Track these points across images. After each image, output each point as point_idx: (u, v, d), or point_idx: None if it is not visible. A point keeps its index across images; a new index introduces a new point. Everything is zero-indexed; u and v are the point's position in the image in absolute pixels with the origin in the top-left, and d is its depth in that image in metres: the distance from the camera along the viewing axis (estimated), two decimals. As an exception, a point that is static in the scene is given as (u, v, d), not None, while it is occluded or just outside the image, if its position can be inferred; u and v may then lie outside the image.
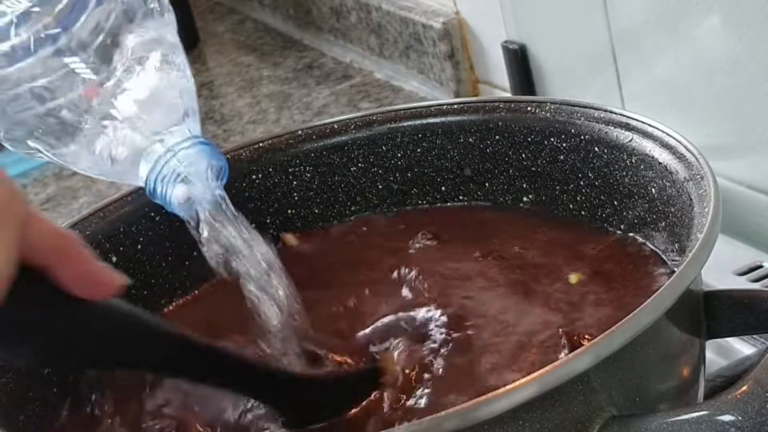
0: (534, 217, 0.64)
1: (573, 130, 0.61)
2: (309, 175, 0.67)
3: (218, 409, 0.53)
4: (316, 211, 0.67)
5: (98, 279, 0.44)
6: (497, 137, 0.64)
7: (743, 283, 0.72)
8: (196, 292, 0.65)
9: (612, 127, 0.59)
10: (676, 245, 0.55)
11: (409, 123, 0.66)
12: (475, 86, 1.09)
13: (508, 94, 1.01)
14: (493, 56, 1.03)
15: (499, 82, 1.04)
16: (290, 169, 0.67)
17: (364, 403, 0.52)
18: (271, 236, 0.60)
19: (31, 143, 0.56)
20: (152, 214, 0.64)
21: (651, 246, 0.58)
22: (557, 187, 0.63)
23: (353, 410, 0.52)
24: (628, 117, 0.58)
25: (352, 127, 0.66)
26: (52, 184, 1.15)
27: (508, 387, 0.41)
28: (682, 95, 0.80)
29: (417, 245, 0.63)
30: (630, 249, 0.59)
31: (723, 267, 0.73)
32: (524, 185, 0.64)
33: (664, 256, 0.57)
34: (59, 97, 0.55)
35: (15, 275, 0.39)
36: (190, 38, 1.42)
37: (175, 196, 0.56)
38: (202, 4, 1.54)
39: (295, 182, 0.67)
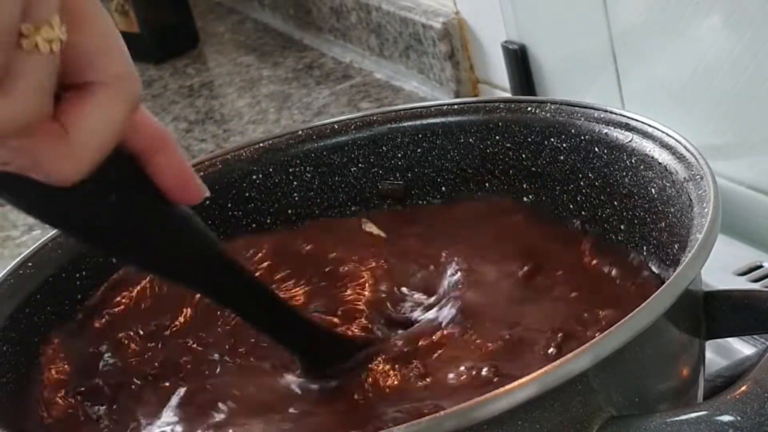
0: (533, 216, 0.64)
1: (573, 131, 0.61)
2: (309, 175, 0.67)
3: None
4: (317, 211, 0.67)
5: (190, 181, 0.45)
6: (497, 137, 0.64)
7: (743, 283, 0.72)
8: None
9: (612, 128, 0.59)
10: (676, 246, 0.55)
11: (409, 123, 0.66)
12: (475, 86, 1.09)
13: (508, 94, 1.01)
14: (493, 56, 1.03)
15: (499, 82, 1.04)
16: (290, 169, 0.67)
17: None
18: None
19: None
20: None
21: (650, 246, 0.58)
22: (557, 187, 0.63)
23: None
24: (628, 117, 0.58)
25: (353, 127, 0.66)
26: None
27: (508, 387, 0.41)
28: (682, 95, 0.80)
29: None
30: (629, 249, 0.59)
31: (723, 267, 0.73)
32: (524, 185, 0.64)
33: (663, 257, 0.57)
34: None
35: (110, 154, 0.40)
36: (190, 38, 1.42)
37: None
38: (202, 4, 1.54)
39: (295, 182, 0.67)
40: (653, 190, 0.57)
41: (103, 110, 0.40)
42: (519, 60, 0.95)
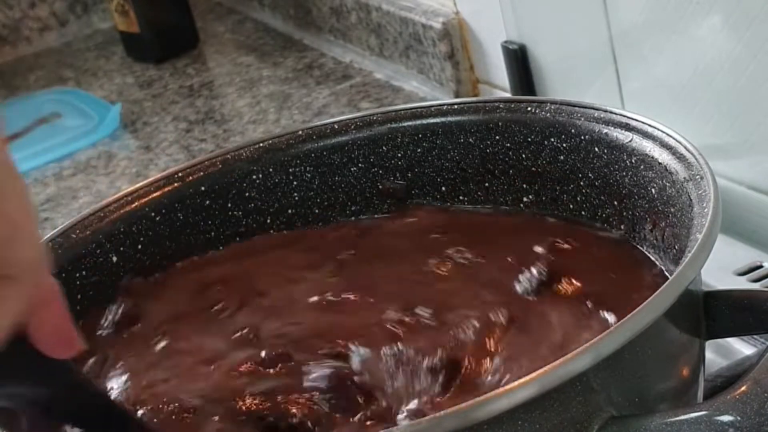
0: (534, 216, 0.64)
1: (573, 131, 0.61)
2: (309, 175, 0.67)
3: None
4: (317, 211, 0.67)
5: (71, 337, 0.42)
6: (497, 137, 0.64)
7: (743, 283, 0.72)
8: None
9: (612, 128, 0.59)
10: (676, 246, 0.55)
11: (410, 123, 0.66)
12: (475, 86, 1.09)
13: (508, 94, 1.01)
14: (493, 56, 1.03)
15: (499, 82, 1.04)
16: (291, 169, 0.67)
17: None
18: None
19: None
20: (152, 214, 0.64)
21: (650, 246, 0.58)
22: (557, 187, 0.63)
23: None
24: (628, 117, 0.58)
25: (353, 127, 0.66)
26: (52, 185, 1.15)
27: (507, 387, 0.41)
28: (682, 95, 0.80)
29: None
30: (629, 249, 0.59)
31: (723, 267, 0.73)
32: (524, 185, 0.64)
33: (663, 257, 0.57)
34: None
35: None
36: (190, 38, 1.42)
37: None
38: (202, 4, 1.54)
39: (295, 182, 0.67)
40: (653, 190, 0.57)
41: (5, 305, 0.37)
42: (519, 60, 0.95)
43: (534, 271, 0.57)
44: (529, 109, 0.63)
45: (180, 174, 0.65)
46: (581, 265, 0.58)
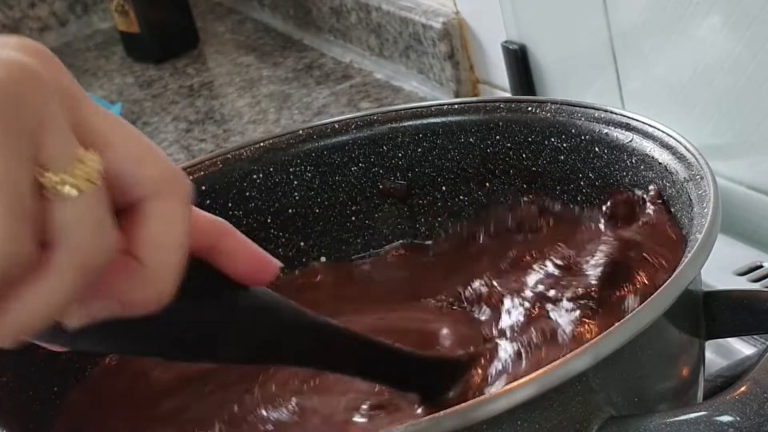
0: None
1: (573, 131, 0.61)
2: (310, 174, 0.67)
3: None
4: (317, 210, 0.67)
5: (262, 258, 0.43)
6: (497, 137, 0.64)
7: (743, 283, 0.72)
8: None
9: (612, 128, 0.59)
10: (676, 245, 0.55)
11: (410, 123, 0.66)
12: (475, 86, 1.09)
13: (508, 94, 1.01)
14: (493, 56, 1.03)
15: (499, 82, 1.04)
16: (291, 169, 0.67)
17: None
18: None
19: None
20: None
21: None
22: (557, 187, 0.63)
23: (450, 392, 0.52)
24: (628, 117, 0.58)
25: (353, 126, 0.66)
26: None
27: (507, 387, 0.41)
28: (682, 95, 0.80)
29: None
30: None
31: (723, 267, 0.73)
32: (524, 185, 0.64)
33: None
34: None
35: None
36: (190, 38, 1.42)
37: None
38: (202, 4, 1.54)
39: (295, 182, 0.67)
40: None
41: (164, 223, 0.37)
42: (519, 60, 0.95)
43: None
44: (529, 109, 0.63)
45: (180, 174, 0.65)
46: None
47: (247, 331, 0.44)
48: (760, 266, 0.74)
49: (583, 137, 0.61)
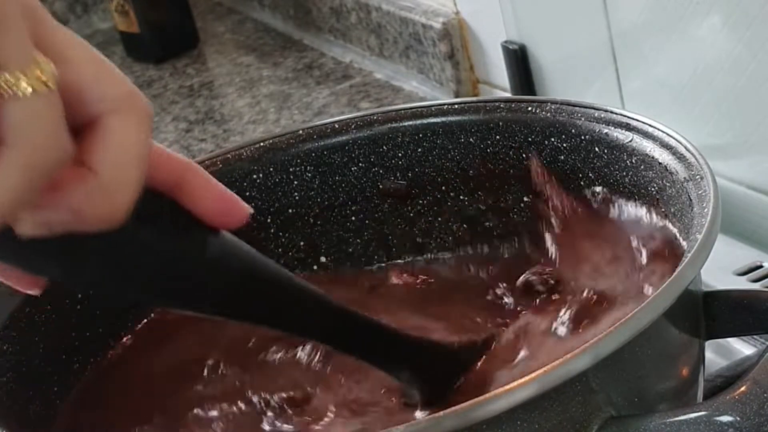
0: None
1: (573, 131, 0.61)
2: (310, 174, 0.67)
3: None
4: (317, 210, 0.67)
5: (230, 200, 0.42)
6: (498, 137, 0.64)
7: (743, 283, 0.72)
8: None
9: (612, 127, 0.59)
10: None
11: (410, 123, 0.66)
12: (475, 86, 1.09)
13: (508, 94, 1.01)
14: (493, 56, 1.03)
15: (499, 82, 1.04)
16: (291, 169, 0.67)
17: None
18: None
19: None
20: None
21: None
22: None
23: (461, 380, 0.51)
24: (628, 117, 0.58)
25: (353, 126, 0.66)
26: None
27: (507, 387, 0.41)
28: (682, 95, 0.80)
29: None
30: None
31: (723, 267, 0.73)
32: (524, 185, 0.64)
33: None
34: None
35: (145, 193, 0.38)
36: (190, 38, 1.42)
37: None
38: (202, 4, 1.54)
39: (295, 182, 0.67)
40: (653, 190, 0.57)
41: (121, 137, 0.37)
42: (519, 60, 0.95)
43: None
44: (529, 109, 0.63)
45: (180, 174, 0.65)
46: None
47: (216, 275, 0.42)
48: (760, 266, 0.74)
49: (583, 137, 0.61)
